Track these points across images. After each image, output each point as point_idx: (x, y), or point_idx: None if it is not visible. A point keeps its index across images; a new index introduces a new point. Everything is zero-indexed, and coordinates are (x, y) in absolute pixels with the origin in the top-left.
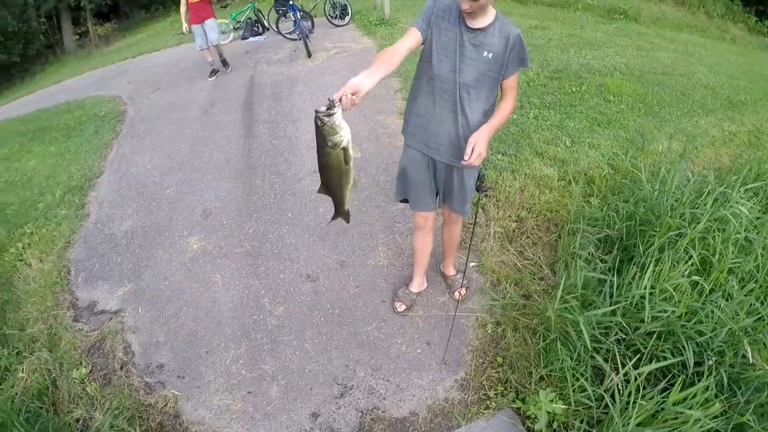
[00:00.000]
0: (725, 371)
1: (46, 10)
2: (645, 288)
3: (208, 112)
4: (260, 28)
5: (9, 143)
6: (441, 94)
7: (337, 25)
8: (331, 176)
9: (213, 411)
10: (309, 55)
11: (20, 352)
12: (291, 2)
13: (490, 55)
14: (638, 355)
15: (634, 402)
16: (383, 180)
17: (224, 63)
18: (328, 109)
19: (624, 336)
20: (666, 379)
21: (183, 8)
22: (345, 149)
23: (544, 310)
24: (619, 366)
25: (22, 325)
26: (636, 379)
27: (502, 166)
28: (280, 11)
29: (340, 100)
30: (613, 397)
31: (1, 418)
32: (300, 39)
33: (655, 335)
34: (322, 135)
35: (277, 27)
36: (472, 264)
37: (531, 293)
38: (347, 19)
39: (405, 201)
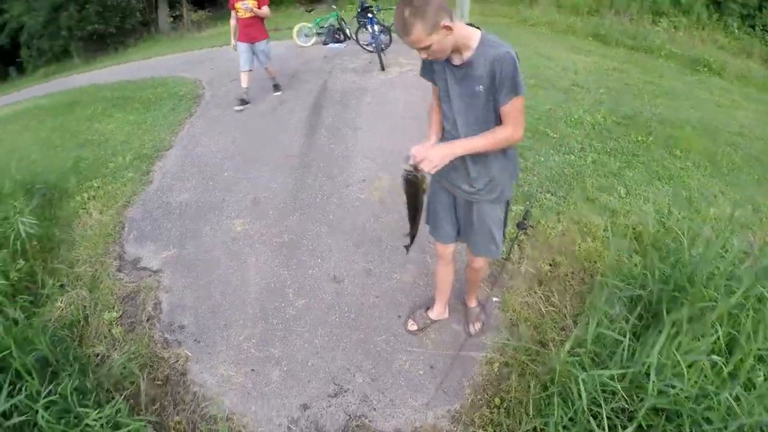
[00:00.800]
0: None
1: None
2: (653, 358)
3: (276, 109)
4: (341, 36)
5: (94, 105)
6: (451, 132)
7: None
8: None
9: (216, 378)
10: (382, 68)
11: (63, 286)
12: (371, 15)
13: (481, 87)
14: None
15: None
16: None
17: (276, 87)
18: (415, 166)
19: (626, 405)
20: None
21: (233, 21)
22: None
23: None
24: None
25: (72, 263)
26: None
27: (549, 206)
28: (361, 22)
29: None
30: None
31: (31, 333)
32: (375, 51)
33: (661, 413)
34: (417, 184)
35: (357, 37)
36: (495, 299)
37: (548, 341)
38: None
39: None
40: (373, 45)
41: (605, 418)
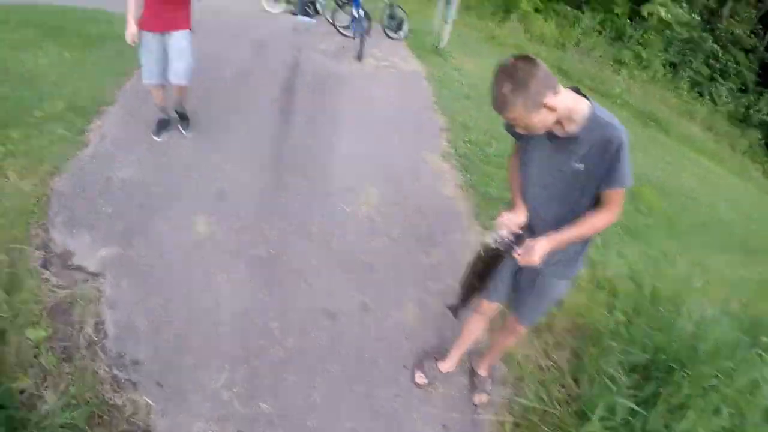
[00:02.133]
0: None
1: None
2: None
3: (245, 75)
4: (312, 10)
5: (24, 30)
6: (528, 197)
7: (391, 38)
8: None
9: None
10: (359, 57)
11: None
12: None
13: (581, 166)
14: None
15: None
16: (419, 223)
17: (182, 117)
18: (509, 243)
19: None
20: None
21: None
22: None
23: (567, 426)
24: None
25: None
26: None
27: None
28: (340, 3)
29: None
30: None
31: None
32: (355, 38)
33: None
34: (501, 258)
35: (332, 17)
36: None
37: (551, 399)
38: (401, 34)
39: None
40: (354, 30)
41: None
